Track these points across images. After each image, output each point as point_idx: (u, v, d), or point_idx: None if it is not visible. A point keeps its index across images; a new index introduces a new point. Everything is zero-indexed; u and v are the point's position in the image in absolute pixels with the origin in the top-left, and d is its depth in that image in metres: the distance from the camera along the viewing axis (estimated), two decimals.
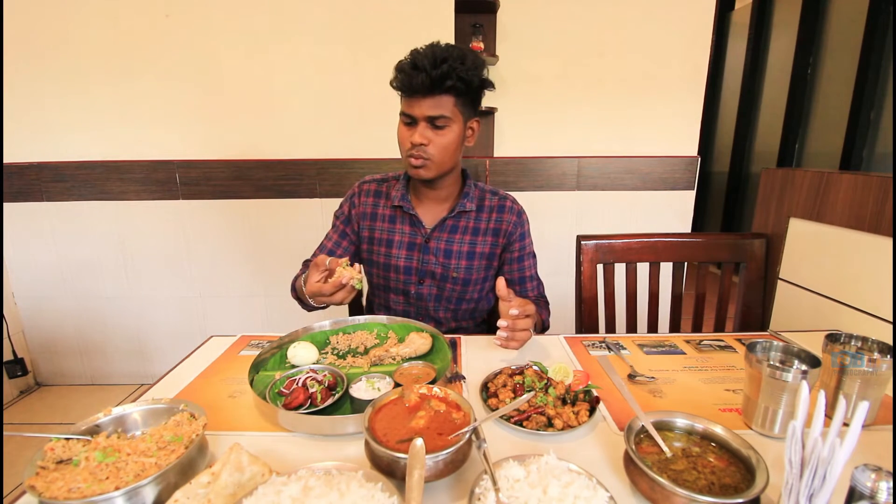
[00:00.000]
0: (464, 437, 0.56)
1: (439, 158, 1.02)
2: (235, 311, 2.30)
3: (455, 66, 0.95)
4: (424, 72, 0.94)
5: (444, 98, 0.98)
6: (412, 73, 0.95)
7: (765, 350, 0.74)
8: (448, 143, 1.02)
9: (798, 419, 0.47)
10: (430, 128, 1.00)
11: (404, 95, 1.00)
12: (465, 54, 0.97)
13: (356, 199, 1.18)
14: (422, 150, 1.01)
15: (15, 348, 2.19)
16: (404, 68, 0.97)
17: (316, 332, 0.98)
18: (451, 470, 0.55)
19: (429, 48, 0.98)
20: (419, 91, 0.96)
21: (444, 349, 0.89)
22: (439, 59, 0.94)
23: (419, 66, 0.95)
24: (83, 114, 2.04)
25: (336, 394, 0.75)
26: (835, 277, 1.16)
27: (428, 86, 0.95)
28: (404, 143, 1.03)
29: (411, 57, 0.97)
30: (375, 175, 1.21)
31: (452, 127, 1.01)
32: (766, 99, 3.77)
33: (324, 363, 0.87)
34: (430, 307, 1.17)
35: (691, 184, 2.27)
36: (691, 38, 2.13)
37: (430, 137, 1.00)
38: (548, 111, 2.21)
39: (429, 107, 0.98)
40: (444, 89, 0.96)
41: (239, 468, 0.53)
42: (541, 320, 1.08)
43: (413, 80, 0.95)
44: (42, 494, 0.50)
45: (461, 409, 0.63)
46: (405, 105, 1.01)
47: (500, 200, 1.16)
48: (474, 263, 1.14)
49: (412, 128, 1.01)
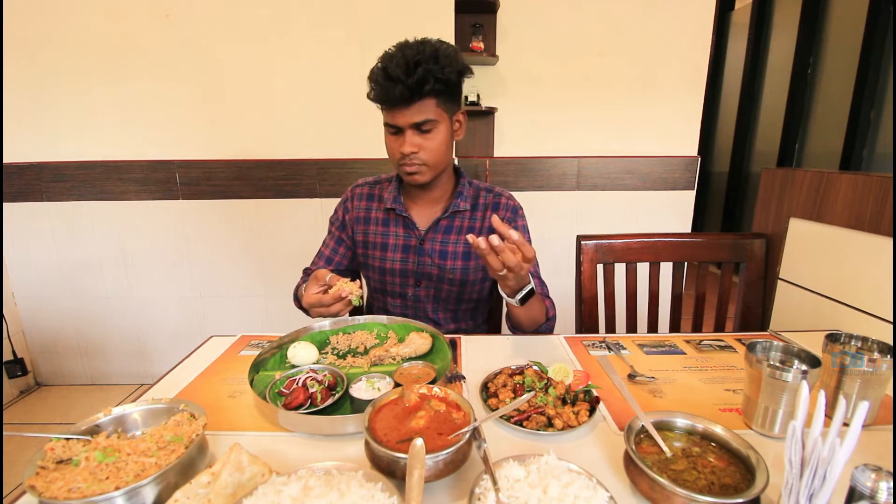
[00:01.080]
0: (464, 437, 0.56)
1: (433, 161, 1.01)
2: (235, 311, 2.30)
3: (430, 67, 0.91)
4: (400, 83, 0.90)
5: (426, 101, 0.95)
6: (387, 86, 0.92)
7: (765, 350, 0.74)
8: (438, 145, 1.00)
9: (798, 419, 0.47)
10: (417, 133, 0.98)
11: (384, 108, 0.97)
12: (437, 51, 0.93)
13: (349, 203, 1.17)
14: (413, 157, 0.99)
15: (15, 348, 2.19)
16: (378, 80, 0.93)
17: (315, 332, 0.98)
18: (451, 470, 0.55)
19: (398, 52, 0.93)
20: (398, 102, 0.93)
21: (444, 349, 0.89)
22: (412, 63, 0.90)
23: (393, 76, 0.91)
24: (83, 114, 2.04)
25: (336, 394, 0.75)
26: (835, 277, 1.16)
27: (407, 96, 0.92)
28: (394, 154, 1.01)
29: (382, 65, 0.93)
30: (368, 178, 1.19)
31: (439, 128, 0.99)
32: (766, 99, 3.77)
33: (324, 363, 0.87)
34: (428, 309, 1.16)
35: (691, 184, 2.27)
36: (691, 38, 2.13)
37: (419, 143, 0.98)
38: (548, 111, 2.21)
39: (411, 115, 0.95)
40: (424, 94, 0.93)
41: (239, 468, 0.53)
42: (544, 307, 1.06)
43: (390, 93, 0.92)
44: (42, 494, 0.50)
45: (461, 409, 0.63)
46: (387, 116, 0.98)
47: (494, 198, 1.14)
48: (470, 264, 1.12)
49: (399, 137, 0.99)
